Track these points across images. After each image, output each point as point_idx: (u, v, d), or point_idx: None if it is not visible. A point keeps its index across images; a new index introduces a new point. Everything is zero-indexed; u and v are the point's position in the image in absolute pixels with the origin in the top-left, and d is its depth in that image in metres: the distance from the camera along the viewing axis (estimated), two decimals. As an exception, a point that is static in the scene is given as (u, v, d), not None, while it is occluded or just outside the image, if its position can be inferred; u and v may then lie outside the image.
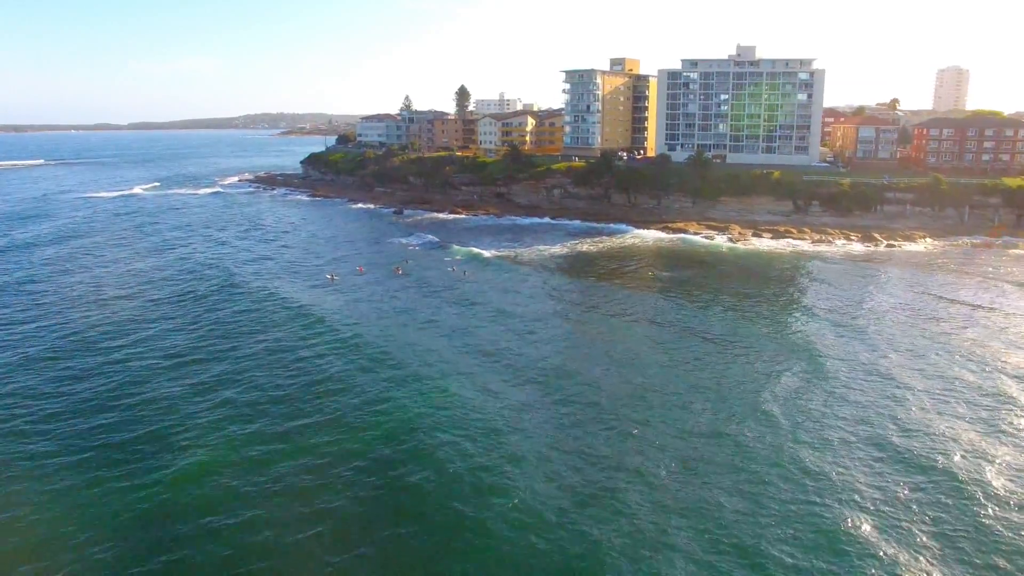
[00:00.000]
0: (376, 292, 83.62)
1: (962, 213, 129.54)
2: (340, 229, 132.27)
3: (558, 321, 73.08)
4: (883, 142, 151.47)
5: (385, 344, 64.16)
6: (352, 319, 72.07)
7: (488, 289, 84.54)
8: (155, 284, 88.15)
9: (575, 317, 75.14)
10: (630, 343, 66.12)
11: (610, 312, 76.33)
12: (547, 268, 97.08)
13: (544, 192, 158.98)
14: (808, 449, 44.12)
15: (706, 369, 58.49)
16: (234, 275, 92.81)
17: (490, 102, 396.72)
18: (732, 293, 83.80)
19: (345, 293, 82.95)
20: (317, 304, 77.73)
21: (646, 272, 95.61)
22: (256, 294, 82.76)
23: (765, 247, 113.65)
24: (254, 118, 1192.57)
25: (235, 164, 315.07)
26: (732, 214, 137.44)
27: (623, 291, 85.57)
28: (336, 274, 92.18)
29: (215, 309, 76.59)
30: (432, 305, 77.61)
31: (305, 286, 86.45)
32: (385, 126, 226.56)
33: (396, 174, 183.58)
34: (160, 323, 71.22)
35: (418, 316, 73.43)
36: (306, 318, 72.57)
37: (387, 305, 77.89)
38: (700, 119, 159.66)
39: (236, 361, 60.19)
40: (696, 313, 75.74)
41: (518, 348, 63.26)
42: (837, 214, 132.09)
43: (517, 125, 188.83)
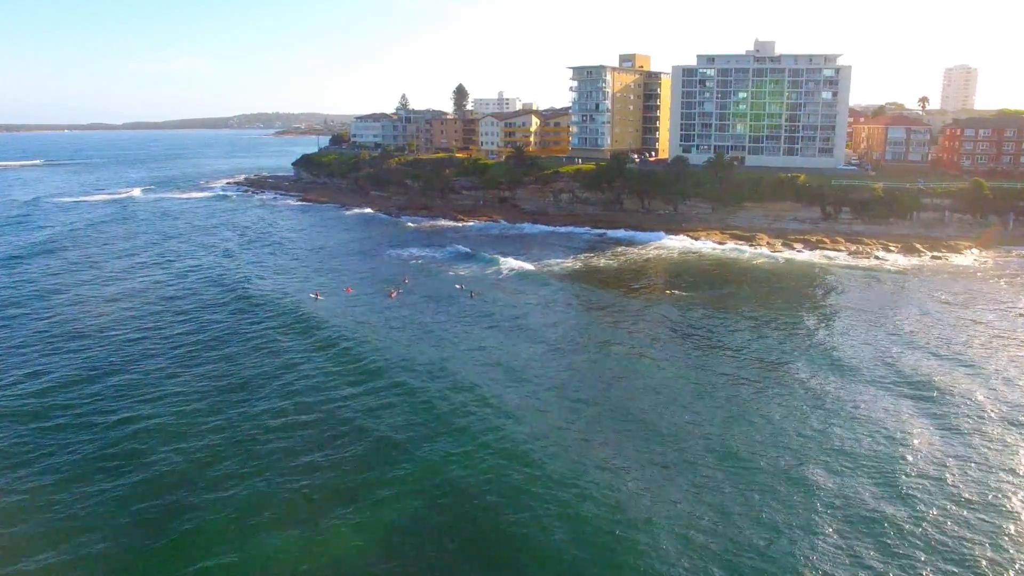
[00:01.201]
0: (366, 315, 73.19)
1: (1006, 220, 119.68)
2: (331, 239, 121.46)
3: (592, 364, 61.86)
4: (914, 143, 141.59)
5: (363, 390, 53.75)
6: (334, 348, 61.73)
7: (500, 316, 73.64)
8: (111, 312, 77.54)
9: (611, 354, 63.98)
10: (680, 380, 55.83)
11: (647, 342, 66.08)
12: (565, 288, 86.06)
13: (551, 197, 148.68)
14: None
15: (771, 414, 48.29)
16: (203, 296, 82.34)
17: (488, 101, 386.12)
18: (779, 319, 73.54)
19: (331, 316, 72.57)
20: (297, 329, 67.46)
21: (677, 290, 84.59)
22: (229, 314, 72.40)
23: (799, 259, 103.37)
24: (249, 118, 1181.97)
25: (226, 166, 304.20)
26: (756, 221, 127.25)
27: (657, 314, 75.14)
28: (322, 292, 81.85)
29: (172, 336, 66.15)
30: (434, 338, 67.11)
31: (283, 306, 75.96)
32: (381, 126, 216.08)
33: (392, 177, 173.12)
34: (114, 351, 60.87)
35: (418, 353, 62.95)
36: (281, 346, 62.25)
37: (378, 334, 67.41)
38: (717, 119, 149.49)
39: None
40: (745, 345, 65.45)
41: (553, 408, 52.88)
42: (870, 221, 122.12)
43: (521, 125, 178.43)
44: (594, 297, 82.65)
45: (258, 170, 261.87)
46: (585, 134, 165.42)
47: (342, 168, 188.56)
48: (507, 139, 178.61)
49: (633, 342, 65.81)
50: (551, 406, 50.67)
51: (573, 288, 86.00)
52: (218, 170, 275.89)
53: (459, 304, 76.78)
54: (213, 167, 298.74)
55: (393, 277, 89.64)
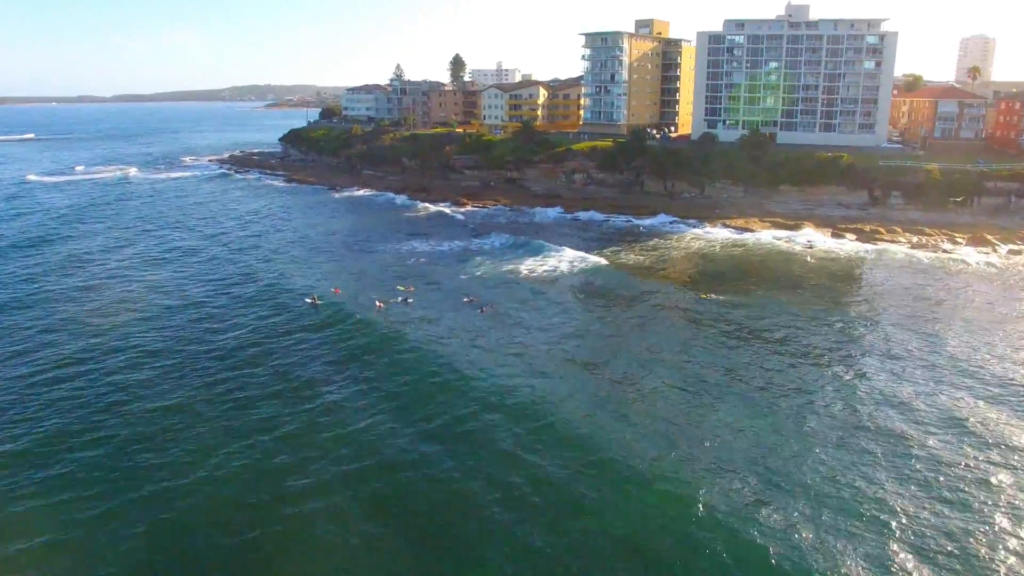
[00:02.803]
0: (361, 331, 59.87)
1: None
2: (318, 227, 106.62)
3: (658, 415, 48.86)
4: (967, 118, 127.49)
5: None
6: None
7: (520, 340, 59.44)
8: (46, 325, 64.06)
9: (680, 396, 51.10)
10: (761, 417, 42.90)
11: (708, 370, 52.96)
12: (596, 298, 71.19)
13: (563, 177, 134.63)
14: None
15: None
16: (168, 302, 68.85)
17: (487, 72, 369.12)
18: (867, 333, 60.44)
19: (335, 327, 59.27)
20: (296, 349, 54.29)
21: (733, 295, 71.03)
22: (204, 326, 59.13)
23: (853, 252, 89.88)
24: (242, 90, 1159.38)
25: (211, 140, 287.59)
26: (795, 206, 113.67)
27: (716, 328, 61.93)
28: (318, 296, 68.34)
29: (133, 362, 52.91)
30: (438, 384, 53.78)
31: (274, 318, 62.56)
32: (374, 98, 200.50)
33: (387, 155, 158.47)
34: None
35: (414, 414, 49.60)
36: (280, 372, 49.12)
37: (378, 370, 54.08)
38: (746, 91, 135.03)
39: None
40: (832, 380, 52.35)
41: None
42: (925, 208, 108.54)
43: (528, 97, 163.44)
44: (634, 304, 68.87)
45: (246, 145, 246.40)
46: (599, 107, 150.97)
47: (332, 145, 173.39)
48: (512, 113, 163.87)
49: (696, 380, 52.59)
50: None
51: (606, 298, 70.79)
52: (201, 146, 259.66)
53: (469, 321, 62.81)
54: (197, 142, 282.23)
55: (388, 279, 75.88)
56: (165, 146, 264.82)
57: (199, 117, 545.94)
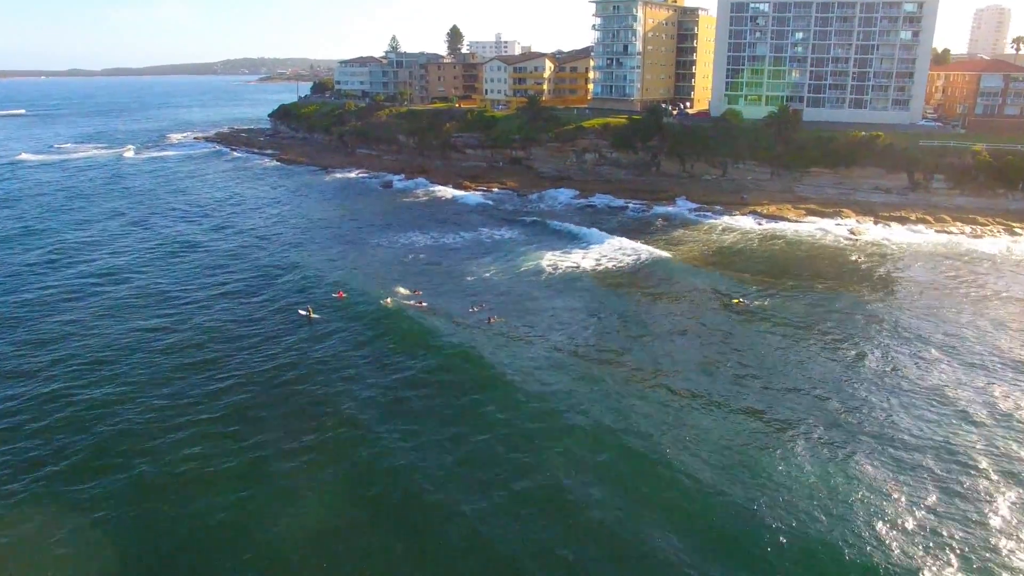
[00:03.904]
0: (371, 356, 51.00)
1: None
2: (311, 218, 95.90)
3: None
4: (1013, 94, 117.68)
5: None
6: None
7: (533, 364, 50.74)
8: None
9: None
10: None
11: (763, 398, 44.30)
12: (625, 305, 61.42)
13: (573, 157, 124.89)
14: None
15: None
16: (120, 324, 59.82)
17: (485, 44, 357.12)
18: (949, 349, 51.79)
19: (338, 353, 50.44)
20: (302, 381, 45.60)
21: (789, 303, 62.19)
22: (190, 352, 50.38)
23: (905, 245, 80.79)
24: (234, 63, 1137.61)
25: (200, 116, 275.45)
26: (828, 190, 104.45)
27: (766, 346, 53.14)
28: (314, 307, 58.39)
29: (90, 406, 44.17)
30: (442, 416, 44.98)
31: (266, 335, 53.54)
32: (368, 71, 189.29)
33: (382, 132, 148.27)
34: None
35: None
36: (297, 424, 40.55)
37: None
38: (771, 63, 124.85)
39: None
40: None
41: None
42: (971, 192, 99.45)
43: (533, 70, 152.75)
44: (674, 321, 59.76)
45: (236, 121, 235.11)
46: (610, 81, 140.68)
47: (324, 121, 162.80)
48: (516, 87, 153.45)
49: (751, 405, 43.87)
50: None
51: (635, 308, 60.81)
52: (191, 121, 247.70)
53: (477, 333, 53.81)
54: (184, 117, 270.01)
55: (389, 279, 66.67)
56: (153, 122, 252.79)
57: (190, 91, 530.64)
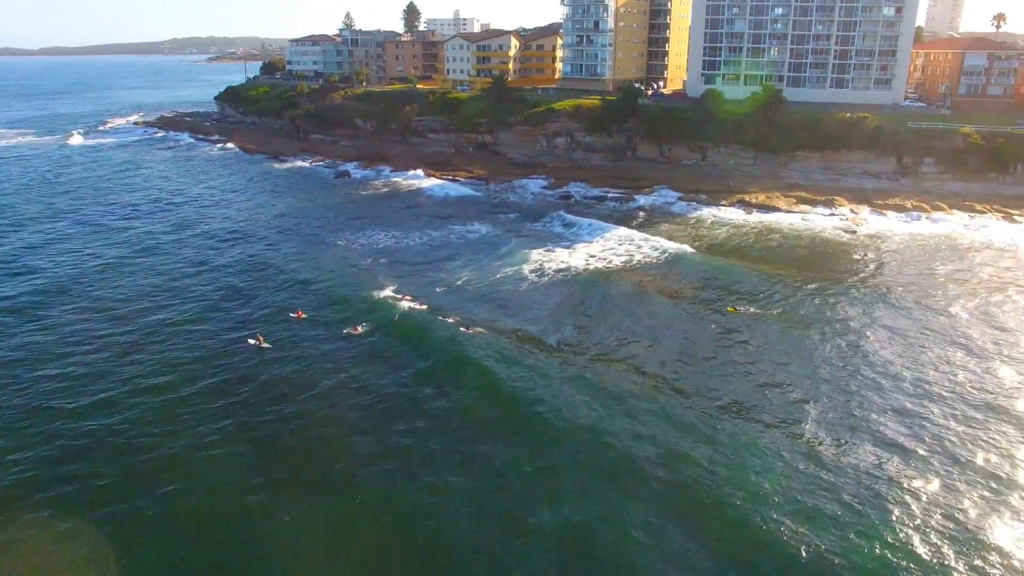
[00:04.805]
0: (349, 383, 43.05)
1: None
2: (261, 214, 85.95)
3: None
4: (997, 73, 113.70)
5: None
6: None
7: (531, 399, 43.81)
8: None
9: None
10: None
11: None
12: (616, 308, 55.20)
13: (544, 142, 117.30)
14: None
15: None
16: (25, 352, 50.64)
17: (443, 21, 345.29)
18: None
19: (299, 391, 42.32)
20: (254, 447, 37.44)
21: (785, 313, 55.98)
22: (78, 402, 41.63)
23: (907, 235, 75.46)
24: (183, 43, 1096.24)
25: (143, 98, 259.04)
26: (818, 176, 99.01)
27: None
28: (264, 335, 48.93)
29: None
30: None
31: (201, 374, 44.93)
32: (322, 51, 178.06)
33: (338, 116, 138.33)
34: None
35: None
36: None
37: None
38: (750, 41, 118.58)
39: None
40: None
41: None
42: (962, 177, 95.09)
43: (497, 49, 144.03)
44: (679, 333, 53.18)
45: (182, 104, 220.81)
46: (580, 60, 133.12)
47: (274, 104, 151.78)
48: (480, 66, 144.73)
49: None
50: None
51: (633, 316, 53.78)
52: (133, 104, 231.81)
53: (462, 357, 46.25)
54: (128, 100, 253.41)
55: (350, 286, 58.47)
56: (92, 105, 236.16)
57: (134, 72, 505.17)
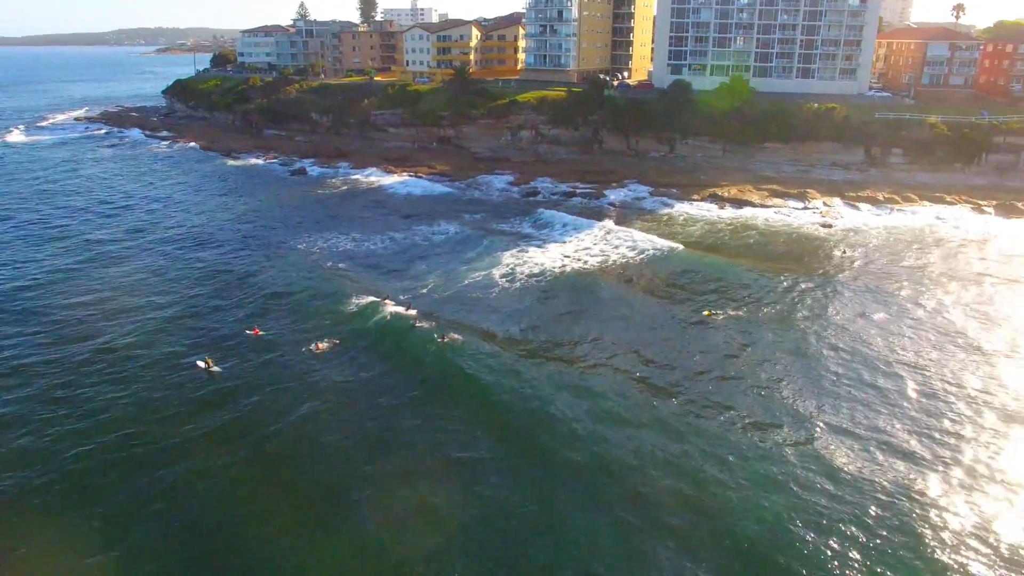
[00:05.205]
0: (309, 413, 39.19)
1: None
2: (213, 216, 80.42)
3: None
4: (958, 63, 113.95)
5: None
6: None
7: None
8: None
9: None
10: None
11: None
12: (597, 315, 52.30)
13: (508, 135, 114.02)
14: None
15: None
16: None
17: (401, 11, 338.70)
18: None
19: (250, 421, 38.27)
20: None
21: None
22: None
23: (884, 229, 74.25)
24: (129, 33, 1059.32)
25: (87, 93, 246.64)
26: (787, 168, 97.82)
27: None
28: (212, 358, 44.34)
29: None
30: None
31: (151, 400, 40.51)
32: (275, 42, 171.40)
33: (293, 110, 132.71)
34: None
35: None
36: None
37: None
38: (716, 30, 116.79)
39: None
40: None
41: None
42: (929, 167, 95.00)
43: (458, 39, 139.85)
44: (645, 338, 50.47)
45: (127, 98, 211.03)
46: (543, 50, 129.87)
47: (226, 98, 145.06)
48: (440, 58, 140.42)
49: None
50: None
51: (615, 322, 51.35)
52: (75, 99, 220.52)
53: (445, 380, 42.75)
54: (70, 95, 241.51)
55: (310, 295, 54.39)
56: (32, 99, 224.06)
57: (77, 64, 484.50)
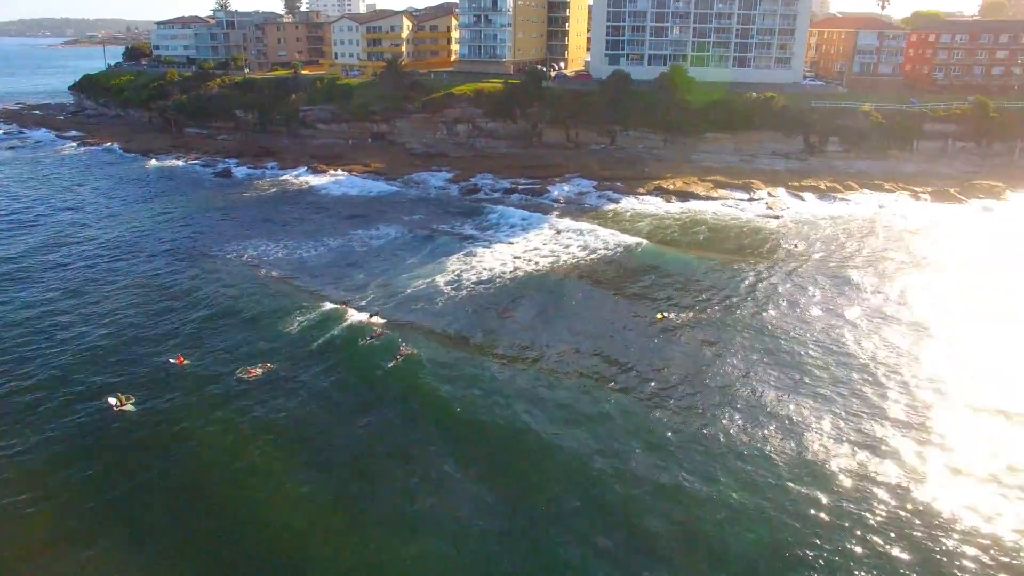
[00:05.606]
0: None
1: (1012, 148, 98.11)
2: (131, 225, 72.89)
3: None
4: (887, 52, 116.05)
5: None
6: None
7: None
8: None
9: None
10: None
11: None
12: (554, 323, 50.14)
13: (444, 130, 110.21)
14: None
15: None
16: None
17: (326, 2, 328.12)
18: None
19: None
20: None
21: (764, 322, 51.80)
22: None
23: (831, 218, 74.12)
24: (31, 24, 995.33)
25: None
26: (729, 158, 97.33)
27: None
28: (126, 395, 39.20)
29: None
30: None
31: (49, 450, 35.16)
32: (194, 34, 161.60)
33: (216, 107, 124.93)
34: None
35: None
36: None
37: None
38: (653, 19, 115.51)
39: None
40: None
41: None
42: (866, 155, 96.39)
43: (389, 30, 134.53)
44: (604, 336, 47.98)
45: (30, 95, 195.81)
46: (478, 41, 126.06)
47: (141, 94, 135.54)
48: (371, 50, 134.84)
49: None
50: None
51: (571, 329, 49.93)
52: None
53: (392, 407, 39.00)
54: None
55: (241, 314, 49.60)
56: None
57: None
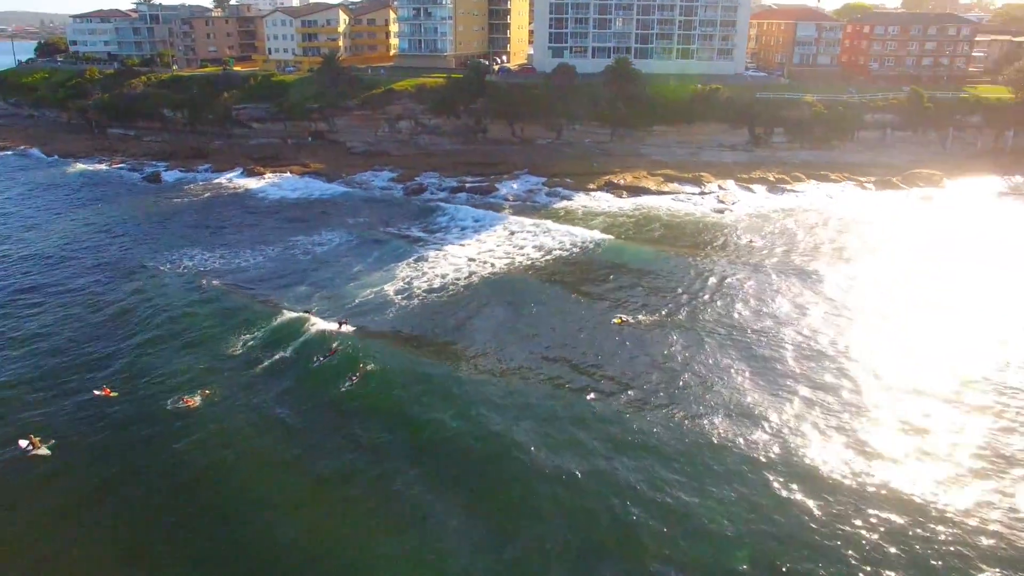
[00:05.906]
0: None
1: (944, 136, 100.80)
2: (50, 235, 66.89)
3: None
4: (825, 43, 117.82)
5: None
6: None
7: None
8: None
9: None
10: None
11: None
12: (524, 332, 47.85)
13: (386, 127, 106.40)
14: None
15: None
16: None
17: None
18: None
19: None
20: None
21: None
22: None
23: (781, 211, 74.11)
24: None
25: None
26: (677, 151, 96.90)
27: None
28: (39, 437, 35.03)
29: None
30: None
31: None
32: (114, 28, 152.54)
33: (141, 106, 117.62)
34: None
35: None
36: None
37: None
38: (596, 12, 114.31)
39: None
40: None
41: None
42: (810, 145, 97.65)
43: (325, 24, 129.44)
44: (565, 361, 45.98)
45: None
46: (418, 35, 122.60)
47: (57, 93, 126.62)
48: (306, 44, 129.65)
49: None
50: None
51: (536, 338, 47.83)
52: None
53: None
54: None
55: (172, 337, 45.55)
56: None
57: None
